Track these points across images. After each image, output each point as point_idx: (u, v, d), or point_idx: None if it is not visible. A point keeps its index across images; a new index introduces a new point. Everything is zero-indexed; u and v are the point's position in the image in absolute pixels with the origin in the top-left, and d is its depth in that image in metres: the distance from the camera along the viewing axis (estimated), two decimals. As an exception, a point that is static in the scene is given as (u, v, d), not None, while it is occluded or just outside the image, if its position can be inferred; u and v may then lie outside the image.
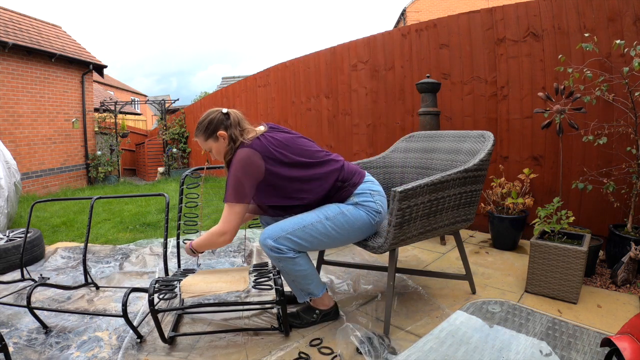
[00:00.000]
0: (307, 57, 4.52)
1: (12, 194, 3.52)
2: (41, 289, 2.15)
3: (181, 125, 9.01)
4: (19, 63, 6.56)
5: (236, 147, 1.56)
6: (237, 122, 1.59)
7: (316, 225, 1.55)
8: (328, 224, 1.55)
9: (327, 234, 1.56)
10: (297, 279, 1.60)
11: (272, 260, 1.59)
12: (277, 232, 1.54)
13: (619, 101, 2.13)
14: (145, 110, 23.79)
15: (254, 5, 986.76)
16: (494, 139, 1.81)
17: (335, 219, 1.56)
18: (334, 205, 1.60)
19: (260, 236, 1.57)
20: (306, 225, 1.55)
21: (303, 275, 1.59)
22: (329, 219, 1.56)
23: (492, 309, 1.75)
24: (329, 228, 1.55)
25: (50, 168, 7.18)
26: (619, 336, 1.09)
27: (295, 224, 1.55)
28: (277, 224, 1.57)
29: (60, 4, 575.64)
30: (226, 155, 1.59)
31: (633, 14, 2.20)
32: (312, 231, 1.54)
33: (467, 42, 2.94)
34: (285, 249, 1.52)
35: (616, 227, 2.15)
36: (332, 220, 1.56)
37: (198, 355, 1.51)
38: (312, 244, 1.57)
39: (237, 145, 1.56)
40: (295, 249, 1.55)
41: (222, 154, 1.61)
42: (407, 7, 15.90)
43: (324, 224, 1.55)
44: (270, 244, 1.52)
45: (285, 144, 1.57)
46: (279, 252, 1.52)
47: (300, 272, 1.58)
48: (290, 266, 1.55)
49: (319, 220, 1.55)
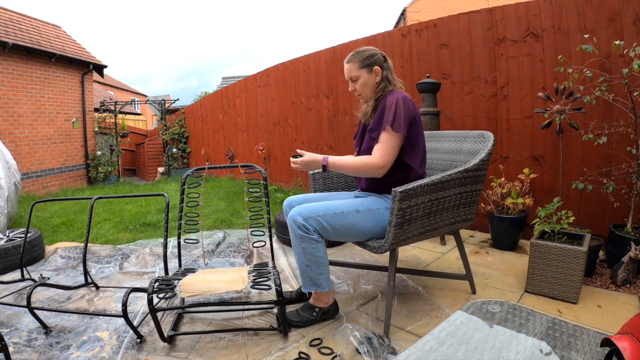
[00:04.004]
0: (307, 57, 4.52)
1: (12, 194, 3.52)
2: (41, 289, 2.15)
3: (181, 125, 9.01)
4: (19, 63, 6.55)
5: (385, 90, 1.63)
6: (390, 70, 1.69)
7: (347, 215, 1.57)
8: (358, 217, 1.58)
9: (353, 225, 1.58)
10: (312, 265, 1.59)
11: (294, 240, 1.59)
12: (309, 211, 1.55)
13: (619, 101, 2.13)
14: (145, 110, 23.79)
15: (254, 6, 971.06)
16: (494, 139, 1.81)
17: (365, 214, 1.60)
18: (365, 200, 1.65)
19: (290, 212, 1.58)
20: (337, 212, 1.56)
21: (319, 262, 1.59)
22: (360, 213, 1.59)
23: (492, 309, 1.75)
24: (357, 222, 1.58)
25: (50, 168, 7.17)
26: (619, 336, 1.09)
27: (328, 209, 1.57)
28: (309, 204, 1.59)
29: (60, 4, 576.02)
30: (372, 92, 1.67)
31: (633, 14, 2.20)
32: (342, 220, 1.56)
33: (467, 42, 2.94)
34: (312, 229, 1.54)
35: (616, 227, 2.15)
36: (362, 215, 1.59)
37: (198, 355, 1.51)
38: (336, 232, 1.58)
39: (386, 89, 1.64)
40: (321, 233, 1.56)
41: (369, 87, 1.67)
42: (407, 7, 15.90)
43: (354, 217, 1.58)
44: (300, 221, 1.53)
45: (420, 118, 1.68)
46: (306, 231, 1.54)
47: (318, 259, 1.58)
48: (311, 249, 1.56)
49: (349, 212, 1.58)
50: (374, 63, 1.65)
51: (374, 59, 1.65)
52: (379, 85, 1.66)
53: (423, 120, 2.73)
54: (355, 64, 1.67)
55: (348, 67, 1.70)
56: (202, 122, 8.10)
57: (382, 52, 1.70)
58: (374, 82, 1.66)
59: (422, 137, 1.66)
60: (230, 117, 6.75)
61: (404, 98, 1.58)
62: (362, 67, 1.66)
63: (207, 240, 2.99)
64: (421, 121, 1.65)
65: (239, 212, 4.04)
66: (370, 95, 1.69)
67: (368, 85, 1.67)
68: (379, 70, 1.65)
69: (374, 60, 1.65)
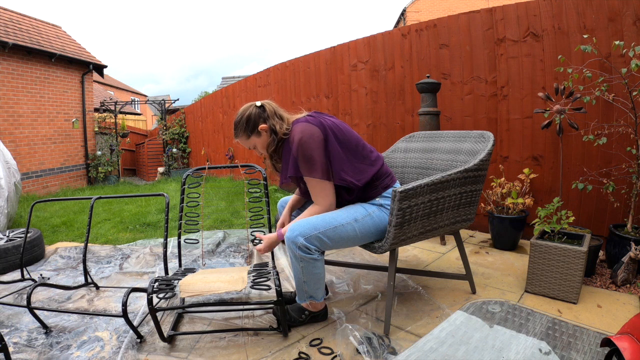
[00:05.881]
0: (307, 57, 4.52)
1: (12, 194, 3.52)
2: (41, 289, 2.15)
3: (181, 125, 9.01)
4: (19, 63, 6.55)
5: (279, 137, 1.55)
6: (274, 112, 1.58)
7: (346, 227, 1.52)
8: (357, 226, 1.54)
9: (354, 236, 1.54)
10: (309, 281, 1.56)
11: (293, 259, 1.52)
12: (309, 229, 1.47)
13: (619, 101, 2.13)
14: (145, 110, 23.79)
15: (265, 7, 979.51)
16: (494, 139, 1.81)
17: (363, 221, 1.55)
18: (359, 206, 1.59)
19: (288, 232, 1.50)
20: (337, 225, 1.51)
21: (317, 279, 1.56)
22: (358, 222, 1.54)
23: (492, 309, 1.75)
24: (357, 231, 1.54)
25: (50, 168, 7.17)
26: (619, 336, 1.09)
27: (327, 224, 1.50)
28: (306, 220, 1.51)
29: (60, 4, 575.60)
30: (269, 146, 1.59)
31: (633, 14, 2.19)
32: (342, 232, 1.51)
33: (467, 42, 2.94)
34: (314, 249, 1.48)
35: (616, 227, 2.15)
36: (361, 223, 1.55)
37: (198, 355, 1.51)
38: (337, 244, 1.54)
39: (279, 135, 1.55)
40: (321, 250, 1.52)
41: (268, 144, 1.60)
42: (407, 7, 15.91)
43: (354, 227, 1.53)
44: (301, 242, 1.46)
45: (336, 124, 1.57)
46: (307, 252, 1.48)
47: (316, 276, 1.55)
48: (310, 268, 1.52)
49: (348, 222, 1.53)
50: (256, 124, 1.56)
51: (253, 121, 1.56)
52: (274, 136, 1.57)
53: (423, 120, 2.74)
54: (243, 136, 1.60)
55: (241, 142, 1.64)
56: (202, 122, 8.09)
57: (255, 104, 1.59)
58: (268, 139, 1.59)
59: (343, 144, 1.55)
60: (231, 117, 6.74)
61: (300, 140, 1.47)
62: (250, 136, 1.59)
63: (207, 240, 2.99)
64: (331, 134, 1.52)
65: (239, 212, 4.04)
66: (274, 148, 1.60)
67: (266, 144, 1.60)
68: (265, 126, 1.56)
69: (254, 122, 1.56)
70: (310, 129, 1.50)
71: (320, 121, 1.54)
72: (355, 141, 1.60)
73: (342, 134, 1.56)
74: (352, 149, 1.57)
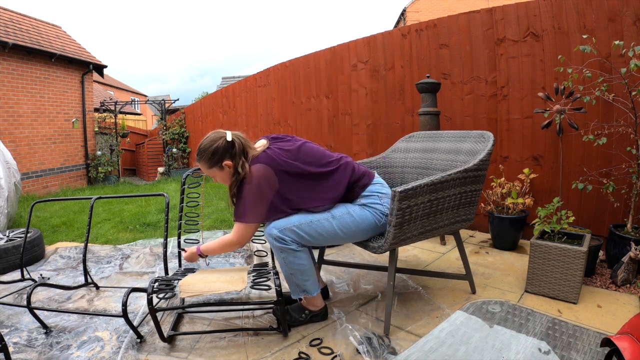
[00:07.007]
0: (307, 57, 4.52)
1: (12, 194, 3.52)
2: (41, 289, 2.15)
3: (181, 126, 9.01)
4: (19, 63, 6.55)
5: (241, 177, 1.54)
6: (242, 150, 1.56)
7: (322, 222, 1.57)
8: (334, 222, 1.57)
9: (332, 231, 1.57)
10: (296, 273, 1.60)
11: (274, 252, 1.60)
12: (284, 223, 1.55)
13: (619, 101, 2.13)
14: (145, 110, 23.79)
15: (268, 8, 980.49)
16: (494, 139, 1.81)
17: (341, 218, 1.58)
18: (341, 205, 1.63)
19: (265, 227, 1.59)
20: (312, 220, 1.56)
21: (302, 270, 1.59)
22: (335, 218, 1.58)
23: (492, 309, 1.75)
24: (335, 226, 1.57)
25: (50, 168, 7.17)
26: (619, 336, 1.09)
27: (302, 218, 1.57)
28: (285, 218, 1.58)
29: (60, 4, 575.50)
30: (232, 186, 1.58)
31: (633, 14, 2.19)
32: (318, 227, 1.56)
33: (467, 42, 2.94)
34: (289, 240, 1.54)
35: (616, 227, 2.15)
36: (339, 219, 1.58)
37: (198, 355, 1.51)
38: (316, 239, 1.58)
39: (242, 176, 1.54)
40: (299, 242, 1.56)
41: (227, 182, 1.59)
42: (407, 7, 15.92)
43: (330, 222, 1.57)
44: (275, 233, 1.53)
45: (293, 154, 1.57)
46: (283, 243, 1.53)
47: (300, 267, 1.58)
48: (291, 258, 1.56)
49: (325, 218, 1.57)
50: (221, 159, 1.53)
51: (220, 155, 1.53)
52: (237, 176, 1.55)
53: (423, 120, 2.74)
54: (204, 165, 1.57)
55: (201, 167, 1.62)
56: (202, 122, 8.09)
57: (225, 137, 1.55)
58: (229, 175, 1.57)
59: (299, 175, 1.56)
60: (231, 117, 6.74)
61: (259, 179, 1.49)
62: (211, 167, 1.57)
63: (207, 240, 2.99)
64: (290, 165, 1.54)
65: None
66: (234, 184, 1.58)
67: (226, 179, 1.59)
68: (230, 164, 1.54)
69: (220, 156, 1.53)
70: (264, 172, 1.51)
71: (274, 160, 1.53)
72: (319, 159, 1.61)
73: (296, 168, 1.55)
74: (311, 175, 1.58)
